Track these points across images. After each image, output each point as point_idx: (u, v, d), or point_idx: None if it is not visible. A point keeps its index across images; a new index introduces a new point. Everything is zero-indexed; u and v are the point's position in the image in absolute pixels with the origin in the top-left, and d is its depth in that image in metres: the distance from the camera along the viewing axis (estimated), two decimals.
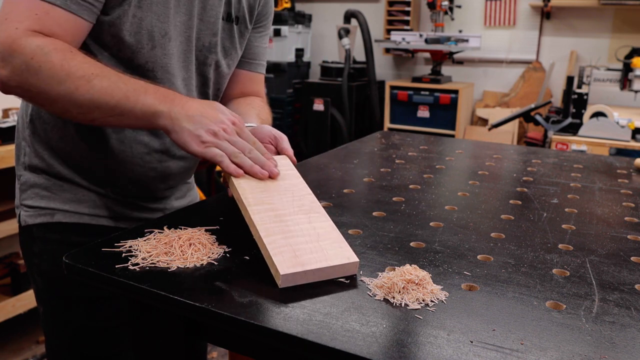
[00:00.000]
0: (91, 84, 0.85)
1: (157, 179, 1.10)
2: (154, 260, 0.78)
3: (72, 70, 0.84)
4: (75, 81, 0.84)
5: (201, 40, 1.05)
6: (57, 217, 1.05)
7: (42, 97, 0.87)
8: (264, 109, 1.20)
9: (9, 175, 2.31)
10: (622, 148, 2.92)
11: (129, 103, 0.86)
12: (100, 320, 1.06)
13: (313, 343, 0.61)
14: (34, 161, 1.06)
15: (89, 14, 0.90)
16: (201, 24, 1.04)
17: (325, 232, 0.81)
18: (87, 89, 0.84)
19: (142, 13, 0.94)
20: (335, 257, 0.76)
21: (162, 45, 0.98)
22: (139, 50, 0.96)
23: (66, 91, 0.84)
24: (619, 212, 1.09)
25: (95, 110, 0.86)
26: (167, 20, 0.97)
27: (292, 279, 0.73)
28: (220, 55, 1.10)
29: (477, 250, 0.87)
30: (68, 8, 0.87)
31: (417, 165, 1.41)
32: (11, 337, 2.47)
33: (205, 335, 0.77)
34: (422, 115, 4.09)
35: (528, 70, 4.22)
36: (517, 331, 0.64)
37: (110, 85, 0.85)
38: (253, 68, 1.23)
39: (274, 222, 0.81)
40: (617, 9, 3.87)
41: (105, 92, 0.85)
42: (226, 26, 1.09)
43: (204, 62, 1.08)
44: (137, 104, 0.86)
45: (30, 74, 0.84)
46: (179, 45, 1.01)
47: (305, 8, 4.88)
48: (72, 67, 0.84)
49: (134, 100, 0.86)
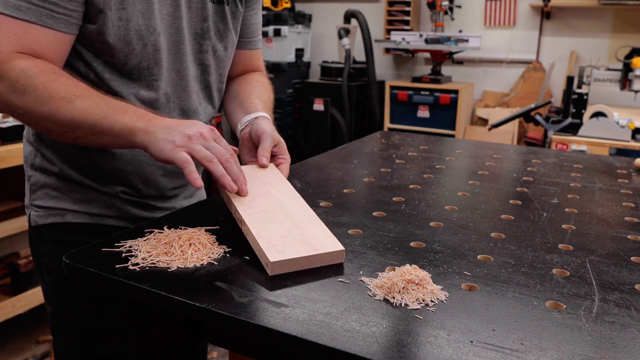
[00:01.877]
0: (72, 104, 0.87)
1: (165, 177, 1.10)
2: (154, 260, 0.78)
3: (55, 92, 0.87)
4: (58, 102, 0.86)
5: (193, 28, 1.05)
6: (67, 217, 1.05)
7: (27, 116, 0.90)
8: (265, 86, 1.22)
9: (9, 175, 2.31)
10: (622, 148, 2.92)
11: (107, 121, 0.87)
12: (108, 321, 1.06)
13: (313, 343, 0.61)
14: (44, 164, 1.07)
15: (67, 25, 0.91)
16: (190, 11, 1.03)
17: (311, 224, 0.86)
18: (68, 109, 0.87)
19: (128, 14, 0.94)
20: (322, 245, 0.80)
21: (153, 42, 0.98)
22: (131, 51, 0.96)
23: (49, 111, 0.87)
24: (619, 212, 1.09)
25: (77, 129, 0.88)
26: (152, 16, 0.97)
27: (281, 267, 0.76)
28: (216, 40, 1.09)
29: (477, 250, 0.87)
30: (44, 24, 0.88)
31: (417, 165, 1.41)
32: (11, 337, 2.47)
33: (205, 335, 0.77)
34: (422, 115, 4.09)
35: (528, 70, 4.22)
36: (517, 331, 0.64)
37: (90, 105, 0.87)
38: (252, 46, 1.24)
39: (261, 216, 0.86)
40: (617, 9, 3.87)
41: (85, 112, 0.87)
42: (218, 8, 1.08)
43: (200, 50, 1.07)
44: (115, 122, 0.87)
45: (16, 96, 0.87)
46: (168, 37, 1.01)
47: (305, 8, 4.88)
48: (54, 89, 0.87)
49: (112, 119, 0.87)
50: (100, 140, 0.90)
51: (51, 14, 0.88)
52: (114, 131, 0.87)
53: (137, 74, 0.98)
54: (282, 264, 0.76)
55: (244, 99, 1.15)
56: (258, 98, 1.15)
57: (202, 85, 1.11)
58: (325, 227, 0.85)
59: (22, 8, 0.86)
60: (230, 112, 1.19)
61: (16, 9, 0.86)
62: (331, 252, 0.79)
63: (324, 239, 0.82)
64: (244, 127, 1.09)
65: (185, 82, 1.06)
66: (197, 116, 1.10)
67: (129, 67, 0.97)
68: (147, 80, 1.00)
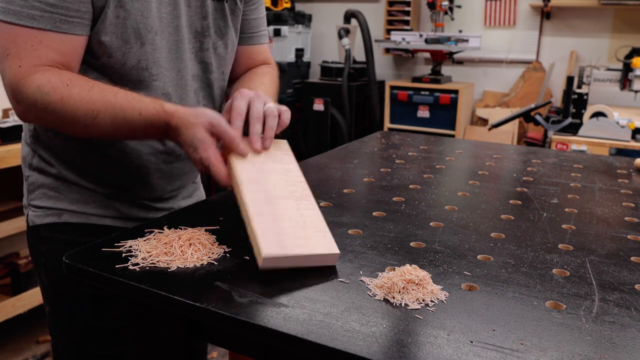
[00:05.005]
0: (95, 121, 0.89)
1: (163, 179, 1.10)
2: (154, 260, 0.78)
3: (73, 111, 0.88)
4: (82, 120, 0.89)
5: (193, 26, 1.04)
6: (64, 217, 1.05)
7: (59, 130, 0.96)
8: (270, 74, 1.20)
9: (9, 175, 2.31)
10: (622, 148, 2.92)
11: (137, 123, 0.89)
12: (106, 320, 1.06)
13: (313, 343, 0.61)
14: (42, 164, 1.07)
15: (82, 28, 0.90)
16: (189, 10, 1.03)
17: (312, 220, 0.83)
18: (94, 128, 0.90)
19: (125, 12, 0.93)
20: (317, 245, 0.78)
21: (151, 41, 0.97)
22: (128, 50, 0.96)
23: (78, 130, 0.91)
24: (619, 212, 1.09)
25: (107, 137, 0.96)
26: (150, 15, 0.96)
27: (273, 262, 0.75)
28: (216, 37, 1.09)
29: (477, 250, 0.87)
30: (59, 30, 0.88)
31: (417, 165, 1.41)
32: (11, 337, 2.47)
33: (205, 335, 0.77)
34: (422, 115, 4.09)
35: (528, 70, 4.22)
36: (517, 331, 0.64)
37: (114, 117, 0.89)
38: (255, 41, 1.22)
39: (264, 203, 0.82)
40: (617, 9, 3.87)
41: (112, 125, 0.89)
42: (217, 6, 1.07)
43: (200, 48, 1.07)
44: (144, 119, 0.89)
45: (37, 117, 0.92)
46: (167, 36, 1.00)
47: (305, 8, 4.88)
48: (71, 107, 0.88)
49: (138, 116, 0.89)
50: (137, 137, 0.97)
51: (65, 18, 0.88)
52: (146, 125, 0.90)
53: (137, 74, 0.98)
54: (275, 259, 0.75)
55: (246, 81, 1.15)
56: (260, 79, 1.14)
57: (204, 84, 1.11)
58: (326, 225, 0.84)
59: (36, 17, 0.85)
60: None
61: (30, 19, 0.85)
62: (325, 255, 0.78)
63: (322, 237, 0.81)
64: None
65: (184, 81, 1.06)
66: None
67: (128, 67, 0.97)
68: (147, 81, 1.00)
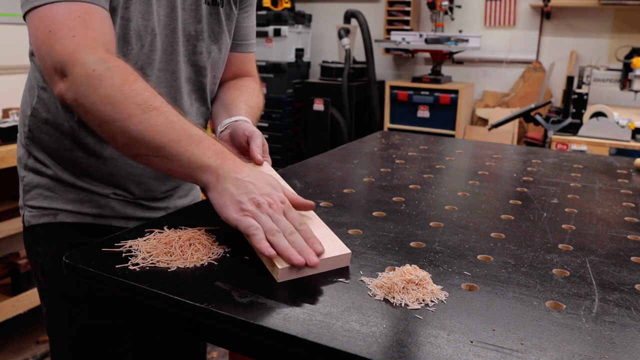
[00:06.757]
0: (146, 115, 0.80)
1: (157, 179, 1.10)
2: (154, 260, 0.78)
3: (131, 95, 0.80)
4: (130, 107, 0.79)
5: (187, 30, 1.04)
6: (60, 217, 1.05)
7: (94, 115, 0.81)
8: (254, 92, 1.19)
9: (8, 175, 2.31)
10: (622, 148, 2.92)
11: (178, 148, 0.80)
12: (104, 320, 1.06)
13: (313, 343, 0.61)
14: (37, 165, 1.07)
15: (105, 2, 0.89)
16: (184, 13, 1.03)
17: (316, 227, 0.84)
18: (140, 119, 0.79)
19: (129, 14, 0.94)
20: (328, 250, 0.78)
21: (150, 43, 0.98)
22: (129, 51, 0.96)
23: (118, 116, 0.79)
24: (619, 212, 1.09)
25: (142, 146, 0.81)
26: (151, 17, 0.96)
27: (289, 273, 0.74)
28: (210, 42, 1.09)
29: (477, 250, 0.87)
30: (95, 2, 0.85)
31: (417, 165, 1.41)
32: (11, 337, 2.47)
33: (205, 335, 0.77)
34: (422, 115, 4.09)
35: (528, 70, 4.22)
36: (517, 331, 0.64)
37: (165, 123, 0.80)
38: (244, 49, 1.22)
39: None
40: (617, 9, 3.87)
41: (158, 128, 0.80)
42: (212, 10, 1.07)
43: (194, 51, 1.07)
44: (186, 151, 0.80)
45: (89, 88, 0.80)
46: (164, 39, 1.01)
47: (305, 8, 4.88)
48: (132, 90, 0.80)
49: (184, 146, 0.80)
50: (162, 164, 0.82)
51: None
52: (182, 160, 0.80)
53: None
54: (290, 271, 0.74)
55: (230, 102, 1.13)
56: (244, 103, 1.13)
57: (196, 86, 1.11)
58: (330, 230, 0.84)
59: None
60: (213, 114, 1.17)
61: None
62: (338, 256, 0.78)
63: (330, 242, 0.80)
64: (224, 130, 1.07)
65: (178, 84, 1.06)
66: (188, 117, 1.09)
67: None
68: None
